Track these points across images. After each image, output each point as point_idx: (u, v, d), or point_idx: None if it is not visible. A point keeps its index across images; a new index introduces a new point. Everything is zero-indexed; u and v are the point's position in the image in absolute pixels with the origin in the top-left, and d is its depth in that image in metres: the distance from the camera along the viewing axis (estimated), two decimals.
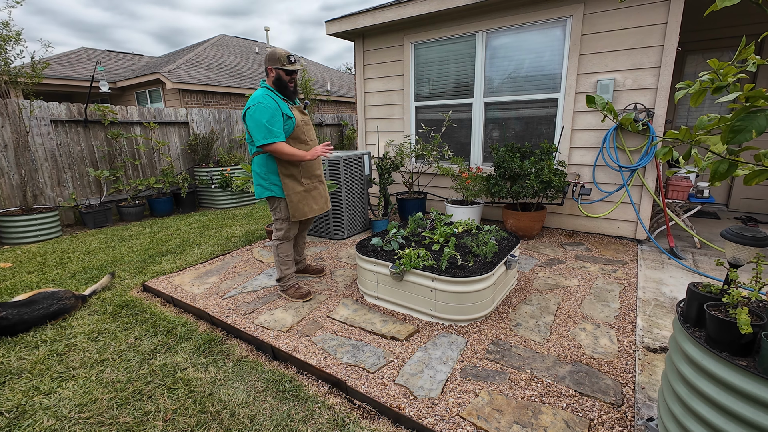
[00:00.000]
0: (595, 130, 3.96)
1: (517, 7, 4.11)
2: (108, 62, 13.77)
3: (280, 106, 2.52)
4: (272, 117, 2.47)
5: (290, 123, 2.59)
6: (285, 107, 2.56)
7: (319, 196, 2.83)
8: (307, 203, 2.74)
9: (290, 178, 2.66)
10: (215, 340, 2.41)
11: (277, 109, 2.50)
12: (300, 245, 3.17)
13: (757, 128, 0.89)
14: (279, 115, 2.51)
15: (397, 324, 2.47)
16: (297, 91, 2.71)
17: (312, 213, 2.77)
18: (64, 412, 1.82)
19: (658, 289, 2.85)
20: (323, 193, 2.87)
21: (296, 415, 1.77)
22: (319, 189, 2.83)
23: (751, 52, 0.98)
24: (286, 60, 2.56)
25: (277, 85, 2.59)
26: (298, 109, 2.70)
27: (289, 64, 2.56)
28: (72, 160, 5.54)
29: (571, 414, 1.68)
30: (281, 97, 2.59)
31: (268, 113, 2.45)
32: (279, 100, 2.54)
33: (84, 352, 2.31)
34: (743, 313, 1.08)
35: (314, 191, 2.78)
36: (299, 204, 2.69)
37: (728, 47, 4.86)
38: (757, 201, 4.89)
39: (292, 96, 2.66)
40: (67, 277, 3.48)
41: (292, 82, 2.63)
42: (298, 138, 2.65)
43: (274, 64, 2.54)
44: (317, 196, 2.81)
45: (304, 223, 3.07)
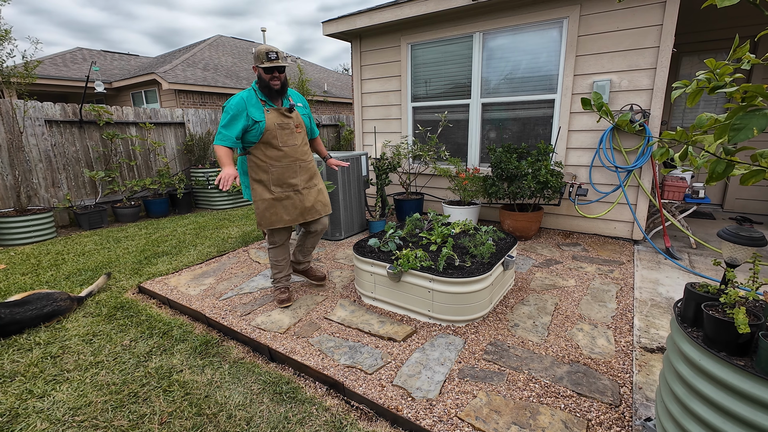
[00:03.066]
0: (592, 130, 3.97)
1: (514, 9, 4.12)
2: (103, 62, 13.70)
3: (249, 108, 2.38)
4: (231, 119, 2.36)
5: (257, 127, 2.41)
6: (256, 110, 2.41)
7: (293, 206, 2.59)
8: (275, 212, 2.55)
9: (259, 184, 2.53)
10: (211, 341, 2.40)
11: (240, 111, 2.37)
12: (307, 247, 2.96)
13: (758, 126, 0.89)
14: (242, 117, 2.37)
15: (394, 325, 2.47)
16: (284, 91, 2.50)
17: (281, 223, 2.58)
18: (58, 416, 1.80)
19: (654, 290, 2.86)
20: (300, 203, 2.62)
21: (293, 417, 1.76)
22: (294, 199, 2.59)
23: (746, 51, 0.99)
24: (265, 57, 2.36)
25: (260, 85, 2.44)
26: (279, 111, 2.48)
27: (267, 61, 2.36)
28: (67, 161, 5.49)
29: (569, 414, 1.68)
30: (262, 99, 2.45)
31: (228, 114, 2.37)
32: (253, 102, 2.41)
33: (78, 355, 2.28)
34: (741, 312, 1.08)
35: (286, 200, 2.57)
36: (265, 212, 2.53)
37: (723, 49, 4.90)
38: (752, 201, 4.93)
39: (276, 97, 2.47)
40: (61, 279, 3.44)
41: (276, 81, 2.41)
42: (269, 143, 2.46)
43: (255, 62, 2.41)
44: (289, 206, 2.58)
45: (307, 225, 2.84)
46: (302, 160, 2.61)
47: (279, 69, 2.39)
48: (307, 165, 2.65)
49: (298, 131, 2.58)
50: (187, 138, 6.91)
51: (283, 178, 2.54)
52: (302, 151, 2.61)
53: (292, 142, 2.53)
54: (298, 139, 2.57)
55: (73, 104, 5.52)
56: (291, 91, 2.64)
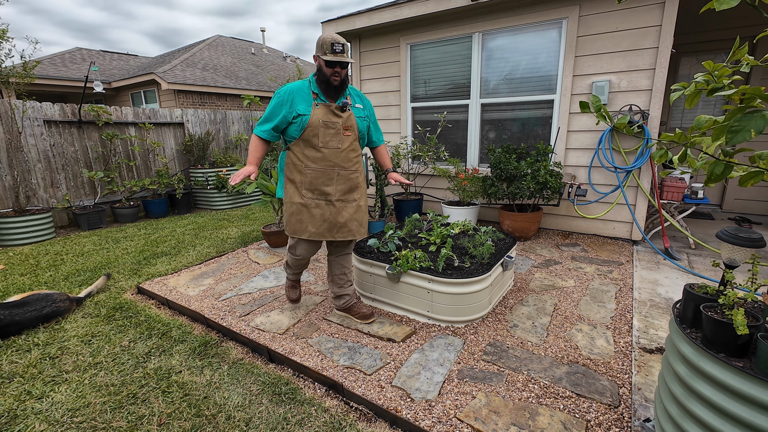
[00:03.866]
0: (591, 131, 3.98)
1: (513, 9, 4.13)
2: (102, 62, 13.68)
3: (296, 100, 2.13)
4: (273, 108, 2.16)
5: (299, 121, 2.14)
6: (303, 102, 2.14)
7: (321, 217, 2.25)
8: (300, 219, 2.26)
9: (291, 184, 2.28)
10: (210, 342, 2.39)
11: (285, 102, 2.14)
12: (335, 274, 2.50)
13: (756, 128, 0.90)
14: (284, 108, 2.14)
15: (393, 326, 2.47)
16: (343, 88, 2.18)
17: (305, 234, 2.26)
18: (57, 417, 1.80)
19: (653, 290, 2.86)
20: (330, 216, 2.25)
21: (292, 418, 1.76)
22: (324, 210, 2.25)
23: (745, 53, 0.99)
24: (330, 48, 2.04)
25: (318, 78, 2.16)
26: (329, 108, 2.17)
27: (331, 54, 2.05)
28: (66, 161, 5.49)
29: (568, 415, 1.68)
30: (315, 91, 2.17)
31: (272, 103, 2.16)
32: (304, 94, 2.15)
33: (77, 356, 2.28)
34: (739, 314, 1.09)
35: (315, 209, 2.25)
36: (291, 217, 2.28)
37: (722, 49, 4.91)
38: (750, 202, 4.94)
39: (333, 93, 2.16)
40: (60, 279, 3.44)
41: (337, 77, 2.11)
42: (309, 141, 2.18)
43: (318, 51, 2.11)
44: (318, 216, 2.25)
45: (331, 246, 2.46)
46: (342, 167, 2.24)
47: (342, 64, 2.10)
48: (349, 174, 2.27)
49: (345, 134, 2.23)
50: (187, 138, 6.90)
51: (316, 184, 2.23)
52: (345, 157, 2.24)
53: (334, 144, 2.20)
54: (343, 142, 2.22)
55: (72, 104, 5.51)
56: (353, 89, 2.34)
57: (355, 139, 2.28)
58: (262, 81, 13.29)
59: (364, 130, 2.35)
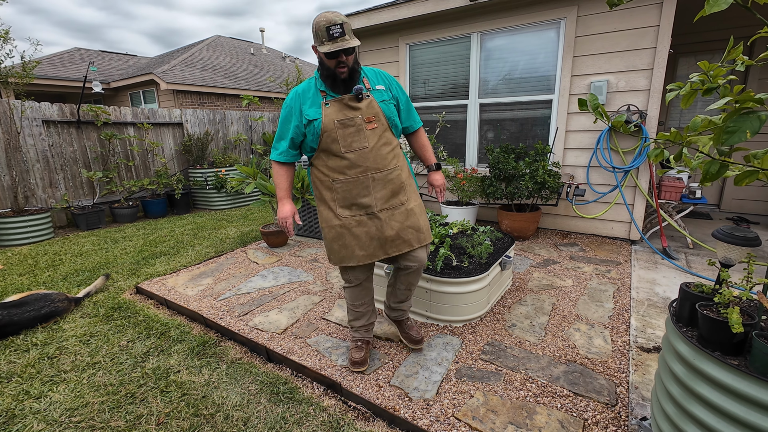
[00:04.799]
0: (589, 131, 3.99)
1: (511, 9, 4.13)
2: (101, 63, 13.67)
3: (303, 104, 1.80)
4: (282, 123, 1.86)
5: (312, 128, 1.78)
6: (311, 105, 1.79)
7: (367, 236, 1.83)
8: (344, 244, 1.85)
9: (323, 205, 1.89)
10: (209, 342, 2.40)
11: (291, 111, 1.82)
12: (399, 289, 2.07)
13: (751, 129, 0.90)
14: (293, 118, 1.82)
15: (392, 325, 2.47)
16: (355, 79, 1.78)
17: (353, 260, 1.86)
18: (55, 417, 1.80)
19: (651, 289, 2.87)
20: (377, 232, 1.83)
21: (291, 418, 1.76)
22: (368, 225, 1.83)
23: (740, 53, 0.99)
24: (325, 34, 1.63)
25: (322, 73, 1.78)
26: (342, 102, 1.77)
27: (329, 41, 1.64)
28: (64, 161, 5.48)
29: (565, 414, 1.69)
30: (322, 89, 1.80)
31: (282, 115, 1.86)
32: (310, 95, 1.81)
33: (75, 355, 2.28)
34: (734, 312, 1.09)
35: (358, 228, 1.83)
36: (333, 243, 1.88)
37: (720, 49, 4.92)
38: (748, 202, 4.95)
39: (342, 87, 1.77)
40: (58, 280, 3.43)
41: (343, 68, 1.71)
42: (329, 149, 1.79)
43: (314, 42, 1.72)
44: (363, 235, 1.83)
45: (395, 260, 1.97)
46: (376, 169, 1.80)
47: (346, 51, 1.67)
48: (387, 175, 1.83)
49: (369, 127, 1.78)
50: (186, 138, 6.90)
51: (351, 197, 1.82)
52: (377, 156, 1.80)
53: (359, 144, 1.78)
54: (369, 138, 1.78)
55: (71, 104, 5.51)
56: (369, 69, 1.90)
57: (384, 129, 1.82)
58: (261, 81, 13.29)
59: (393, 116, 1.87)
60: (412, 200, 1.92)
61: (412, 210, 1.90)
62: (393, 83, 1.92)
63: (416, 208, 1.92)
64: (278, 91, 12.75)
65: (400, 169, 1.89)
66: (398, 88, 1.94)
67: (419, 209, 1.94)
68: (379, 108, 1.81)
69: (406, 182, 1.90)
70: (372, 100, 1.81)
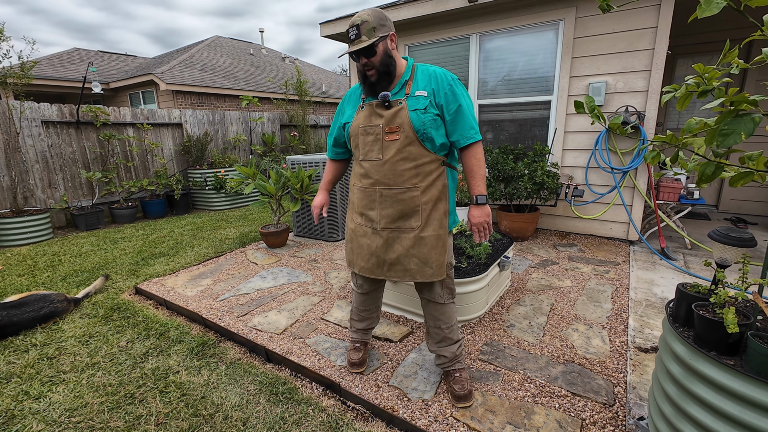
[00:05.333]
0: (588, 132, 4.00)
1: (510, 11, 4.15)
2: (101, 63, 13.67)
3: (345, 106, 1.82)
4: (334, 119, 1.90)
5: (345, 130, 1.81)
6: (350, 105, 1.79)
7: (368, 249, 1.77)
8: (351, 249, 1.87)
9: (350, 204, 1.89)
10: (208, 342, 2.40)
11: (339, 109, 1.86)
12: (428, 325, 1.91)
13: (746, 131, 0.91)
14: (338, 117, 1.86)
15: (391, 326, 2.48)
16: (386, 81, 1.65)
17: (355, 267, 1.85)
18: (54, 417, 1.80)
19: (649, 290, 2.88)
20: (377, 249, 1.75)
21: (290, 418, 1.77)
22: (370, 239, 1.76)
23: (735, 56, 1.00)
24: (347, 37, 1.62)
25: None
26: (371, 107, 1.69)
27: (349, 43, 1.61)
28: (63, 162, 5.48)
29: (563, 414, 1.70)
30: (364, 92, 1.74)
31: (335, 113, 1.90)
32: (356, 95, 1.79)
33: (75, 356, 2.28)
34: (730, 312, 1.10)
35: (363, 238, 1.78)
36: (347, 243, 1.91)
37: (717, 51, 4.94)
38: (746, 202, 4.97)
39: (370, 90, 1.67)
40: (57, 280, 3.44)
41: (370, 70, 1.61)
42: (355, 154, 1.80)
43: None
44: (364, 247, 1.78)
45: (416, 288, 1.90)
46: (386, 185, 1.67)
47: (365, 53, 1.57)
48: (398, 194, 1.66)
49: (389, 138, 1.63)
50: (185, 139, 6.90)
51: (362, 206, 1.77)
52: (390, 171, 1.65)
53: (374, 155, 1.67)
54: (386, 150, 1.64)
55: (70, 105, 5.51)
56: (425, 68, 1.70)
57: (408, 143, 1.62)
58: (261, 82, 13.30)
59: (427, 128, 1.60)
60: (430, 228, 1.68)
61: (424, 239, 1.68)
62: (442, 88, 1.62)
63: (431, 239, 1.68)
64: (277, 91, 12.76)
65: (420, 191, 1.65)
66: (448, 95, 1.61)
67: (436, 241, 1.69)
68: (407, 118, 1.60)
69: (424, 207, 1.67)
70: (402, 108, 1.62)
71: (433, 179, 1.67)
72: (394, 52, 1.66)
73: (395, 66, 1.65)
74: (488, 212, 1.68)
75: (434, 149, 1.66)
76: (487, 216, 1.67)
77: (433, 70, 1.67)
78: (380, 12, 1.62)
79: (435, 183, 1.68)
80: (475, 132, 1.64)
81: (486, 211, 1.67)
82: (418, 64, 1.72)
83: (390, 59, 1.63)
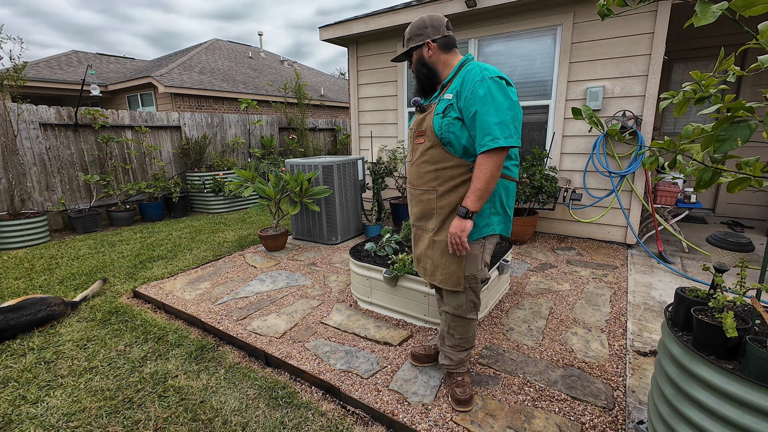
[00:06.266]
0: (585, 136, 4.03)
1: (508, 16, 4.18)
2: (99, 65, 13.66)
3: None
4: None
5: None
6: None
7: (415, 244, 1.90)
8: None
9: None
10: (207, 346, 2.39)
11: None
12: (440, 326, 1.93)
13: (742, 137, 0.92)
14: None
15: (390, 329, 2.48)
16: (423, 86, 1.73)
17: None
18: (52, 422, 1.79)
19: (647, 293, 2.89)
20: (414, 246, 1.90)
21: (289, 422, 1.76)
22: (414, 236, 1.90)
23: (731, 63, 1.02)
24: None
25: None
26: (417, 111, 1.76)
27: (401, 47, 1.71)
28: (61, 164, 5.47)
29: (563, 418, 1.70)
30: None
31: None
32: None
33: (72, 360, 2.27)
34: (729, 317, 1.11)
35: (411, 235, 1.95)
36: None
37: (713, 56, 4.99)
38: (742, 206, 5.00)
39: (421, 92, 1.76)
40: (55, 283, 3.42)
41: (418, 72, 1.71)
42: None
43: None
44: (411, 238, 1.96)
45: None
46: (412, 185, 1.77)
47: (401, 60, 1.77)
48: (419, 195, 1.74)
49: (417, 141, 1.72)
50: (183, 141, 6.90)
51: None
52: (415, 172, 1.73)
53: (409, 156, 1.80)
54: (414, 152, 1.75)
55: (69, 107, 5.50)
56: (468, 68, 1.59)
57: (430, 146, 1.64)
58: (260, 85, 13.31)
59: (445, 132, 1.59)
60: (443, 234, 1.67)
61: (437, 243, 1.70)
62: (465, 89, 1.53)
63: (443, 245, 1.68)
64: (276, 94, 12.77)
65: (437, 194, 1.65)
66: (469, 97, 1.51)
67: (442, 246, 1.69)
68: (431, 121, 1.63)
69: (440, 211, 1.66)
70: (430, 113, 1.66)
71: (454, 185, 1.62)
72: (433, 59, 1.67)
73: (433, 71, 1.68)
74: (464, 227, 1.53)
75: (457, 154, 1.61)
76: (461, 231, 1.54)
77: (469, 70, 1.57)
78: (421, 20, 1.67)
79: (456, 189, 1.62)
80: (492, 139, 1.46)
81: (461, 226, 1.54)
82: (469, 63, 1.63)
83: (422, 66, 1.69)
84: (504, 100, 1.48)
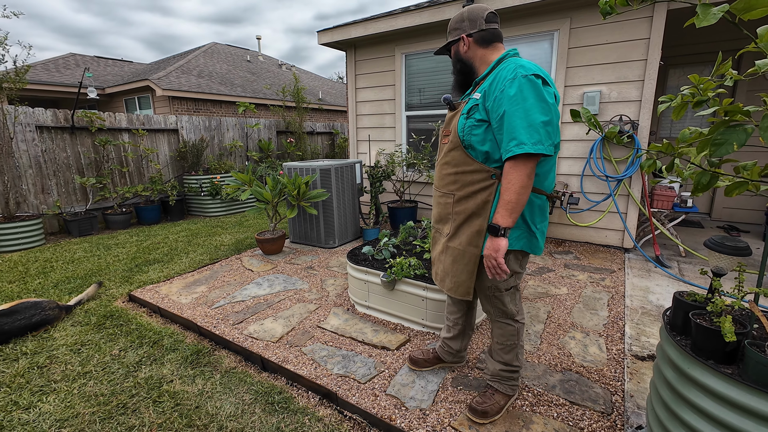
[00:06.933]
0: (583, 140, 4.04)
1: (506, 21, 4.20)
2: (96, 68, 13.64)
3: None
4: None
5: None
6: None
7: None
8: None
9: None
10: (203, 351, 2.37)
11: None
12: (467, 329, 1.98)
13: (738, 141, 0.93)
14: None
15: (388, 334, 2.46)
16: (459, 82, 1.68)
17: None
18: (44, 428, 1.76)
19: (645, 297, 2.89)
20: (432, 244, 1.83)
21: (286, 428, 1.74)
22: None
23: (728, 67, 1.02)
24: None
25: None
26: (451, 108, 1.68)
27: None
28: (57, 167, 5.44)
29: (561, 423, 1.69)
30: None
31: None
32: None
33: (66, 365, 2.24)
34: (727, 321, 1.11)
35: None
36: None
37: (709, 62, 5.03)
38: (738, 210, 5.03)
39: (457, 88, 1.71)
40: (49, 287, 3.38)
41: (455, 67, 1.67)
42: None
43: None
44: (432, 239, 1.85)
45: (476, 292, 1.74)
46: (436, 187, 1.71)
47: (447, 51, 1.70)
48: (439, 197, 1.68)
49: (443, 141, 1.67)
50: (181, 144, 6.88)
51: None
52: (438, 174, 1.67)
53: (438, 156, 1.72)
54: (440, 152, 1.69)
55: (65, 110, 5.48)
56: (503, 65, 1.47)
57: (452, 147, 1.56)
58: (258, 88, 13.33)
59: (467, 135, 1.49)
60: (457, 240, 1.59)
61: (450, 249, 1.63)
62: (495, 89, 1.41)
63: (455, 252, 1.60)
64: (274, 98, 12.79)
65: (454, 199, 1.57)
66: (498, 97, 1.38)
67: (460, 256, 1.58)
68: (456, 122, 1.55)
69: (455, 216, 1.58)
70: (458, 112, 1.57)
71: (472, 191, 1.51)
72: (469, 54, 1.59)
73: (469, 67, 1.61)
74: (497, 247, 1.39)
75: (479, 158, 1.49)
76: (495, 251, 1.39)
77: (503, 67, 1.44)
78: (460, 13, 1.60)
79: (474, 196, 1.51)
80: (517, 144, 1.31)
81: (494, 246, 1.39)
82: (507, 59, 1.48)
83: (458, 62, 1.63)
84: (536, 101, 1.33)
